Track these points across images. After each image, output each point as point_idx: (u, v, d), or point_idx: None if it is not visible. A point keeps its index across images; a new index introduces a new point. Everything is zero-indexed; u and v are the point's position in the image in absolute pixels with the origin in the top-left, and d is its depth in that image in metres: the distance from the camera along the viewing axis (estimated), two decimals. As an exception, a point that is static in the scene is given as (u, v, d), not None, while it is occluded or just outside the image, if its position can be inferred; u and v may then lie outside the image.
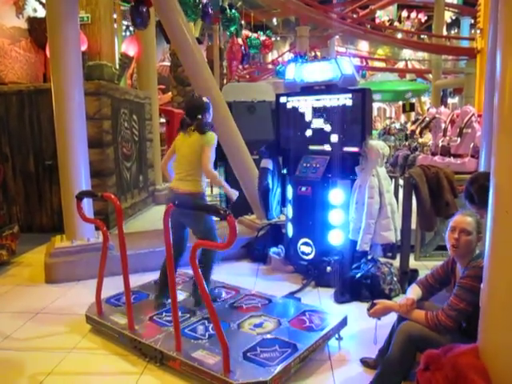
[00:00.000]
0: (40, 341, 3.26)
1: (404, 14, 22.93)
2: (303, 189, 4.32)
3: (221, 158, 5.31)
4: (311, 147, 4.47)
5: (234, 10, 11.03)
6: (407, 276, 4.01)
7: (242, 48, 13.67)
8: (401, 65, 23.32)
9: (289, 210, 4.63)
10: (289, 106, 4.60)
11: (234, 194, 3.54)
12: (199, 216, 3.30)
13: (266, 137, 5.51)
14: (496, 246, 1.86)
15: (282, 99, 4.66)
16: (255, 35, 14.49)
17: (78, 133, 4.59)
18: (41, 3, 7.24)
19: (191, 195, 3.33)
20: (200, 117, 3.39)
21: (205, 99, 3.50)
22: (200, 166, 3.33)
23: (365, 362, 2.82)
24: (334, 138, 4.27)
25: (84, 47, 6.17)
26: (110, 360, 2.98)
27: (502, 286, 1.82)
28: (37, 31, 6.97)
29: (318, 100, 4.36)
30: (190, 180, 3.35)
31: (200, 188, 3.38)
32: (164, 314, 3.32)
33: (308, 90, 4.44)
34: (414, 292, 2.54)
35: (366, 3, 18.56)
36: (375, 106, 22.25)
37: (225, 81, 15.30)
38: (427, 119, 8.42)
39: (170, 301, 3.02)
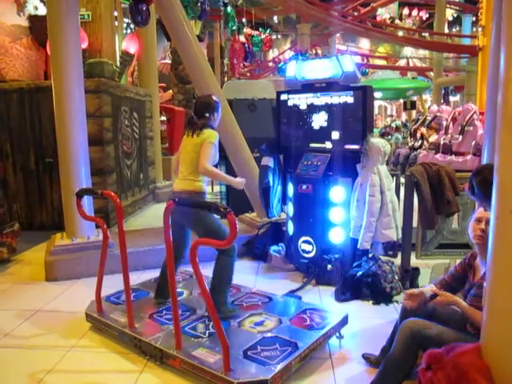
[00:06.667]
0: (40, 339, 3.26)
1: (405, 11, 22.88)
2: (304, 187, 4.31)
3: (222, 157, 5.27)
4: (312, 145, 4.45)
5: (230, 8, 11.03)
6: (408, 274, 4.00)
7: (246, 46, 13.63)
8: (402, 63, 23.26)
9: (289, 208, 4.62)
10: (290, 103, 4.58)
11: (240, 183, 3.36)
12: (198, 219, 3.13)
13: (266, 134, 5.49)
14: (499, 246, 1.84)
15: (283, 97, 4.64)
16: (256, 33, 14.47)
17: (78, 130, 4.58)
18: (42, 1, 7.22)
19: (187, 194, 3.19)
20: (208, 115, 3.27)
21: (214, 98, 3.36)
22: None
23: (367, 358, 2.81)
24: (335, 135, 4.25)
25: (84, 45, 6.17)
26: (110, 358, 2.97)
27: (505, 285, 1.80)
28: (37, 29, 6.95)
29: (318, 97, 4.34)
30: (188, 179, 3.24)
31: (198, 187, 3.23)
32: (164, 312, 3.31)
33: (309, 87, 4.41)
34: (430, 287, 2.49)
35: (367, 1, 18.50)
36: (376, 104, 22.22)
37: (226, 78, 15.27)
38: (428, 118, 8.39)
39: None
